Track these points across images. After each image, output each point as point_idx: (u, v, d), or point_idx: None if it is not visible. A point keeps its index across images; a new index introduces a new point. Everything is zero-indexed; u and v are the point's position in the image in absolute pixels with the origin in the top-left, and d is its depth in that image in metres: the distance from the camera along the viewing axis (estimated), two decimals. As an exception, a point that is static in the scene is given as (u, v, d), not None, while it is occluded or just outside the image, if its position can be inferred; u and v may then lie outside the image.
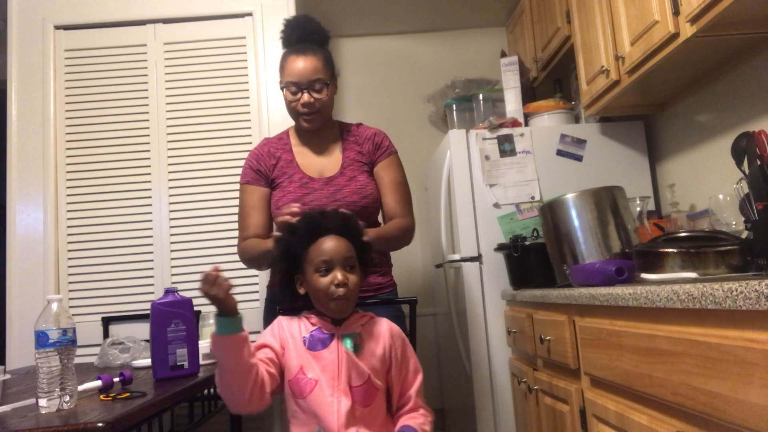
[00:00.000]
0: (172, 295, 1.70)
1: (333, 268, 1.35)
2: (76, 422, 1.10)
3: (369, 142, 1.89)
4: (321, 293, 1.36)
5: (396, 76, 3.78)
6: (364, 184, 1.84)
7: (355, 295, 1.39)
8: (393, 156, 1.91)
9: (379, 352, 1.38)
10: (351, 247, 1.39)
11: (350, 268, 1.37)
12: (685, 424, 1.13)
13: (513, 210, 2.60)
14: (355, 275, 1.38)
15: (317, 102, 1.80)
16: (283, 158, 1.88)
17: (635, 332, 1.28)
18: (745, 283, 0.90)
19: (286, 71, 1.81)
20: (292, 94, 1.80)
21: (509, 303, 2.47)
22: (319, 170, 1.86)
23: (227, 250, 2.63)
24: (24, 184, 2.67)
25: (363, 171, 1.86)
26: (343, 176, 1.84)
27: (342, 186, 1.82)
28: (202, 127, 2.73)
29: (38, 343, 1.23)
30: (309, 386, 1.32)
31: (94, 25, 2.80)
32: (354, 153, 1.88)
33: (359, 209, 1.76)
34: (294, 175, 1.84)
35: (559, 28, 2.72)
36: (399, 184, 1.88)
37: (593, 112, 2.49)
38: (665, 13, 1.77)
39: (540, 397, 2.02)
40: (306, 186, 1.82)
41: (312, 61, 1.78)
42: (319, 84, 1.79)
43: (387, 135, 1.95)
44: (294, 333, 1.39)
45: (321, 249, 1.37)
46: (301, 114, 1.82)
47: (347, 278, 1.35)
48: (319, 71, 1.79)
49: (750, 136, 1.41)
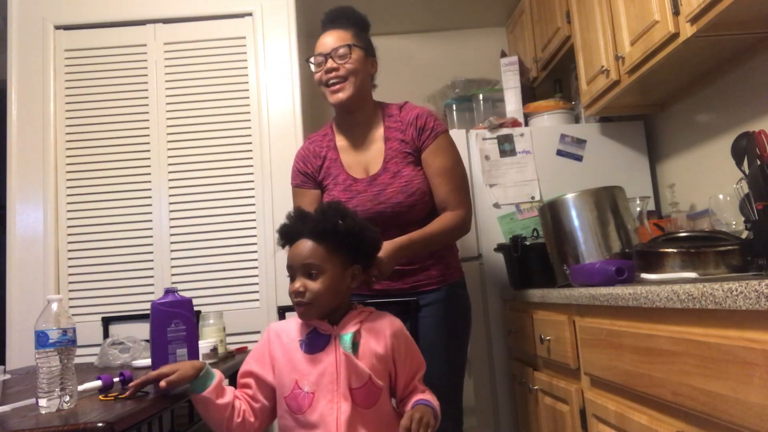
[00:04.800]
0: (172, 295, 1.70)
1: (294, 274, 1.34)
2: (76, 422, 1.10)
3: (411, 127, 1.77)
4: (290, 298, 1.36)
5: (396, 76, 3.78)
6: (409, 179, 1.73)
7: (320, 301, 1.33)
8: (441, 138, 1.76)
9: (380, 350, 1.35)
10: (317, 251, 1.33)
11: (311, 275, 1.33)
12: (685, 424, 1.13)
13: (513, 210, 2.61)
14: (319, 282, 1.32)
15: (341, 68, 1.72)
16: (329, 157, 1.81)
17: (635, 332, 1.28)
18: (745, 283, 0.90)
19: (315, 47, 1.77)
20: (317, 66, 1.74)
21: (509, 303, 2.47)
22: (364, 167, 1.78)
23: (227, 250, 2.63)
24: (24, 184, 2.67)
25: (408, 162, 1.75)
26: (386, 172, 1.74)
27: (386, 185, 1.73)
28: (202, 127, 2.73)
29: (38, 343, 1.23)
30: (307, 400, 1.29)
31: (94, 25, 2.79)
32: (397, 143, 1.76)
33: (406, 209, 1.70)
34: (338, 177, 1.78)
35: (559, 28, 2.72)
36: (447, 170, 1.74)
37: (593, 112, 2.49)
38: (665, 13, 1.77)
39: (540, 397, 2.02)
40: (350, 189, 1.75)
41: (339, 33, 1.73)
42: (342, 49, 1.71)
43: (433, 114, 1.81)
44: (287, 341, 1.37)
45: (288, 255, 1.37)
46: (327, 85, 1.74)
47: (305, 286, 1.32)
48: (345, 40, 1.73)
49: (750, 136, 1.41)
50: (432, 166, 1.74)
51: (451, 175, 1.74)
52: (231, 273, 2.63)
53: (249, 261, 2.64)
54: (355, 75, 1.75)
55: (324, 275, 1.33)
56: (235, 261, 2.64)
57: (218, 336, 2.10)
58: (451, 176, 1.74)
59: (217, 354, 1.98)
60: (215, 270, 2.63)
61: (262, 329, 2.57)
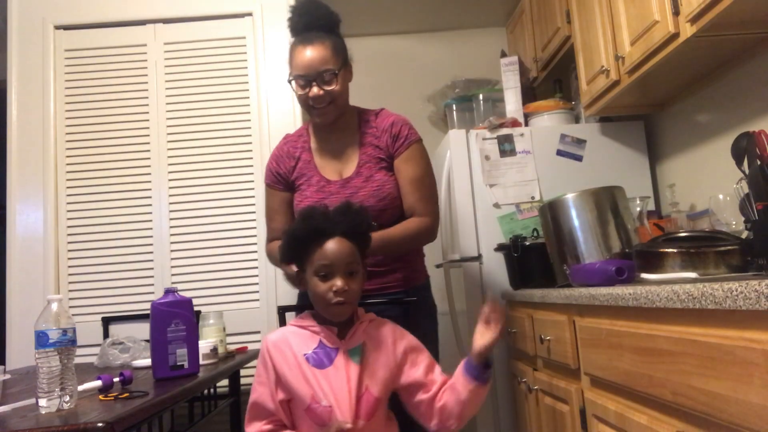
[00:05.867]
0: (172, 295, 1.70)
1: (334, 273, 1.31)
2: (76, 422, 1.10)
3: (386, 134, 1.78)
4: (319, 298, 1.33)
5: (396, 76, 3.78)
6: (381, 184, 1.75)
7: (356, 300, 1.35)
8: (414, 146, 1.78)
9: (384, 360, 1.36)
10: (355, 252, 1.34)
11: (351, 274, 1.33)
12: (685, 424, 1.13)
13: (513, 210, 2.60)
14: (357, 281, 1.34)
15: (327, 94, 1.70)
16: (303, 158, 1.82)
17: (635, 332, 1.28)
18: (745, 283, 0.90)
19: (293, 63, 1.73)
20: (301, 88, 1.72)
21: (509, 303, 2.46)
22: (337, 170, 1.79)
23: (227, 250, 2.64)
24: (24, 184, 2.67)
25: (380, 168, 1.77)
26: (359, 176, 1.76)
27: (358, 188, 1.75)
28: (202, 127, 2.73)
29: (38, 343, 1.23)
30: (326, 413, 1.29)
31: (94, 25, 2.80)
32: (371, 148, 1.78)
33: (377, 213, 1.70)
34: (312, 178, 1.79)
35: (559, 28, 2.72)
36: (417, 179, 1.75)
37: (593, 112, 2.49)
38: (665, 13, 1.77)
39: (540, 397, 2.02)
40: (323, 190, 1.77)
41: (319, 51, 1.69)
42: (328, 75, 1.69)
43: (408, 122, 1.83)
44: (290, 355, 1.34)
45: (323, 252, 1.32)
46: (312, 108, 1.74)
47: (348, 286, 1.30)
48: (327, 61, 1.69)
49: (750, 136, 1.41)
50: (403, 174, 1.76)
51: (420, 183, 1.76)
52: (231, 273, 2.63)
53: (249, 261, 2.64)
54: (342, 98, 1.76)
55: (359, 276, 1.35)
56: (235, 261, 2.64)
57: (218, 336, 2.10)
58: (421, 185, 1.76)
59: (217, 354, 1.98)
60: (215, 270, 2.63)
61: (262, 329, 2.57)
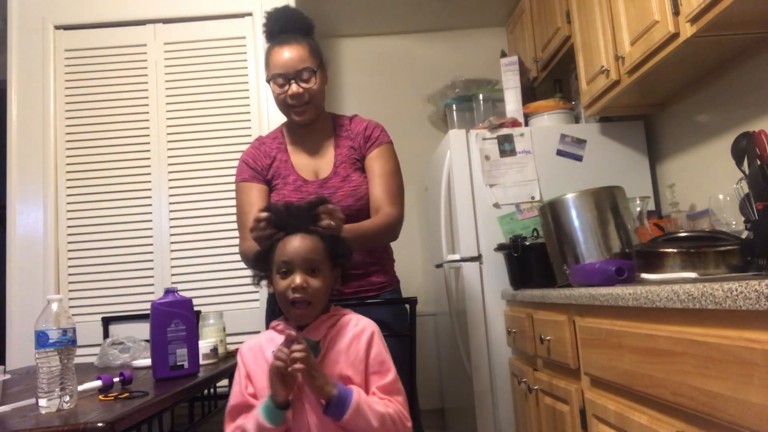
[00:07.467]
0: (172, 295, 1.70)
1: (293, 270, 1.24)
2: (76, 422, 1.10)
3: (360, 136, 1.82)
4: (280, 297, 1.26)
5: (396, 76, 3.78)
6: (357, 184, 1.77)
7: (318, 300, 1.26)
8: (384, 146, 1.82)
9: (350, 357, 1.27)
10: (319, 248, 1.26)
11: (313, 272, 1.24)
12: (685, 424, 1.13)
13: (513, 210, 2.60)
14: (319, 279, 1.25)
15: (306, 92, 1.73)
16: (279, 158, 1.83)
17: (635, 332, 1.28)
18: (745, 283, 0.90)
19: (271, 64, 1.76)
20: (280, 87, 1.74)
21: (509, 303, 2.47)
22: (314, 170, 1.81)
23: (227, 250, 2.63)
24: (24, 184, 2.67)
25: (356, 168, 1.80)
26: (336, 176, 1.78)
27: (336, 188, 1.77)
28: (202, 127, 2.73)
29: (38, 343, 1.23)
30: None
31: (94, 25, 2.80)
32: (346, 149, 1.82)
33: (355, 212, 1.70)
34: (288, 177, 1.80)
35: (559, 28, 2.72)
36: (386, 174, 1.78)
37: (593, 112, 2.49)
38: (665, 13, 1.77)
39: (540, 397, 2.02)
40: (300, 189, 1.77)
41: (297, 50, 1.73)
42: (306, 73, 1.72)
43: (381, 126, 1.87)
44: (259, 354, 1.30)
45: (282, 248, 1.26)
46: (291, 107, 1.76)
47: (306, 282, 1.22)
48: (305, 60, 1.73)
49: (750, 136, 1.41)
50: (372, 169, 1.79)
51: (388, 178, 1.79)
52: (231, 273, 2.63)
53: (249, 261, 2.64)
54: (319, 98, 1.79)
55: (322, 274, 1.26)
56: (235, 261, 2.62)
57: (218, 336, 2.10)
58: (388, 179, 1.78)
59: (217, 354, 1.98)
60: (215, 270, 2.63)
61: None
